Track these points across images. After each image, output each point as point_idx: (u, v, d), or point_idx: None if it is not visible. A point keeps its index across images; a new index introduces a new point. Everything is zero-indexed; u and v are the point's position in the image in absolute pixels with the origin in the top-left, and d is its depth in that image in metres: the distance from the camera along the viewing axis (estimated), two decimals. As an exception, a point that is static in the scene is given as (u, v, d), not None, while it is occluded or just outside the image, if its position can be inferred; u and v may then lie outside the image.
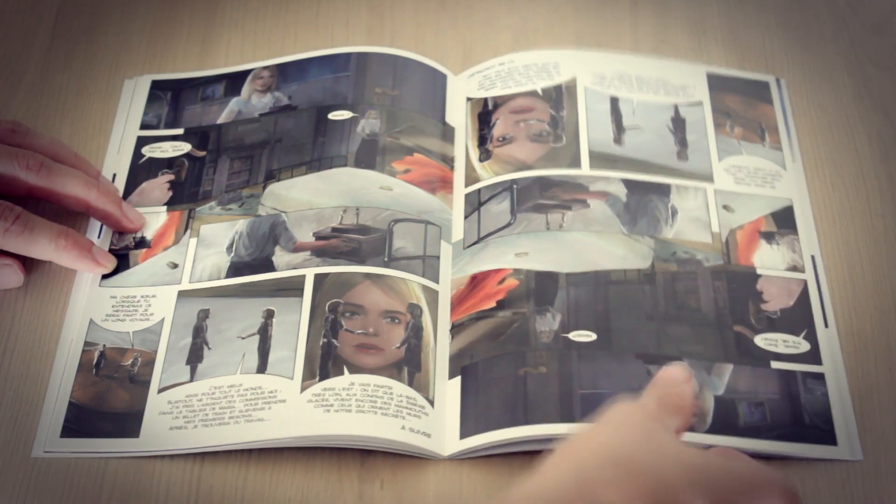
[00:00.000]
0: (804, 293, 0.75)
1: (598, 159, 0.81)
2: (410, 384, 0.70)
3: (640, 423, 0.55)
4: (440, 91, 0.87)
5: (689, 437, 0.65)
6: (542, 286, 0.74)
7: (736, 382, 0.71)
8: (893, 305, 0.76)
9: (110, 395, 0.71)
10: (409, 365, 0.71)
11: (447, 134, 0.84)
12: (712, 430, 0.69)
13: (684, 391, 0.59)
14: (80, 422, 0.70)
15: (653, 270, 0.75)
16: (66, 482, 0.68)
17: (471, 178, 0.82)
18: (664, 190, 0.80)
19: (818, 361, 0.72)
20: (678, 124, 0.84)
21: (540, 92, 0.85)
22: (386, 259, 0.75)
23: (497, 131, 0.84)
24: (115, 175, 0.82)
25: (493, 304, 0.74)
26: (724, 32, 0.92)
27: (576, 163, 0.81)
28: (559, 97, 0.85)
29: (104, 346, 0.73)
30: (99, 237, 0.78)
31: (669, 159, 0.82)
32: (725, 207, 0.79)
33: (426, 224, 0.78)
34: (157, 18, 0.93)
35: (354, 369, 0.70)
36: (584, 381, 0.70)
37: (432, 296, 0.75)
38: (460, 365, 0.72)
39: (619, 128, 0.83)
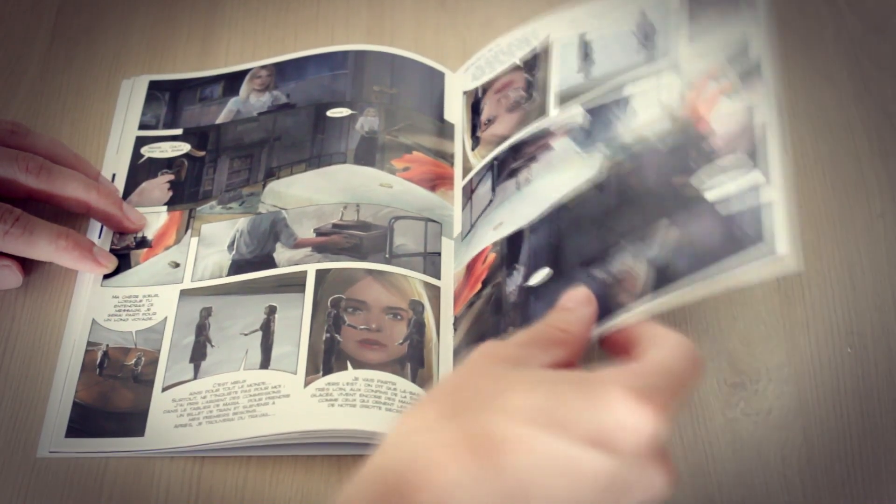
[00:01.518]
0: (750, 119, 0.63)
1: (565, 97, 0.77)
2: (414, 380, 0.70)
3: (480, 366, 0.55)
4: (438, 89, 0.87)
5: (626, 316, 0.60)
6: (511, 248, 0.72)
7: (667, 235, 0.62)
8: (893, 305, 0.76)
9: (114, 395, 0.71)
10: (413, 361, 0.71)
11: (445, 131, 0.84)
12: (651, 291, 0.61)
13: (572, 317, 0.58)
14: (85, 422, 0.70)
15: (603, 174, 0.69)
16: (67, 482, 0.68)
17: (466, 170, 0.81)
18: (623, 102, 0.72)
19: (766, 176, 0.59)
20: (645, 27, 0.74)
21: (519, 62, 0.83)
22: (387, 256, 0.75)
23: (484, 115, 0.83)
24: (114, 175, 0.82)
25: (479, 286, 0.73)
26: (723, 32, 0.92)
27: (543, 112, 0.78)
28: (535, 60, 0.82)
29: (107, 345, 0.73)
30: (99, 237, 0.78)
31: (635, 58, 0.73)
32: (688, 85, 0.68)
33: (426, 221, 0.78)
34: (156, 18, 0.93)
35: (358, 364, 0.70)
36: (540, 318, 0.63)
37: (434, 292, 0.75)
38: (461, 357, 0.72)
39: (585, 58, 0.77)
